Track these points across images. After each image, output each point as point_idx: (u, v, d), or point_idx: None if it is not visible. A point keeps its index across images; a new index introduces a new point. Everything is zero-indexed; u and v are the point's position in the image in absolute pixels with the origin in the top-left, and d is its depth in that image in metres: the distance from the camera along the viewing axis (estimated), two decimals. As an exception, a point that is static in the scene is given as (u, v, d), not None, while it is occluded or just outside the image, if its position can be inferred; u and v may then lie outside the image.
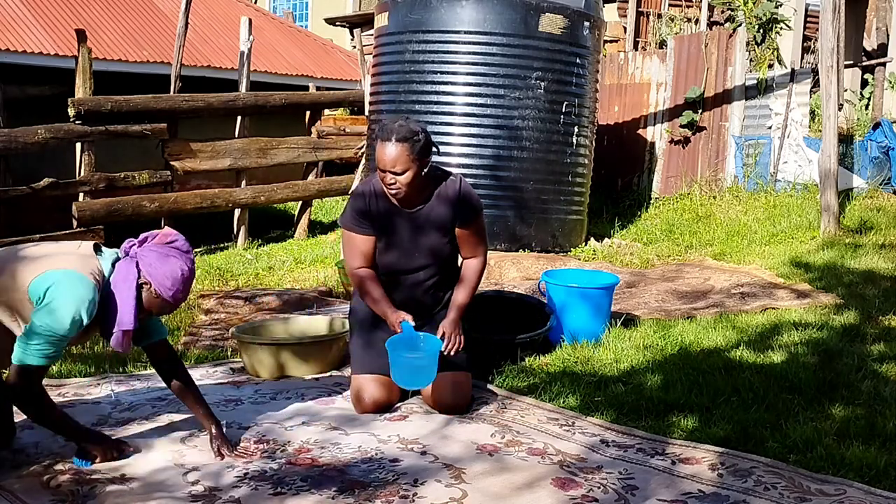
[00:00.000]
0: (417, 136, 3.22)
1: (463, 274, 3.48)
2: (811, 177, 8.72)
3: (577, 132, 7.39)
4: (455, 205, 3.36)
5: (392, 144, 3.18)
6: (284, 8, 20.56)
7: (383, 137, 3.21)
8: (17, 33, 8.83)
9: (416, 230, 3.37)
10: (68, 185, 6.84)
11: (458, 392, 3.37)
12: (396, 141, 3.18)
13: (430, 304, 3.49)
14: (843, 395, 3.50)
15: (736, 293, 5.53)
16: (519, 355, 4.00)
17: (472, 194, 3.42)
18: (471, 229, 3.43)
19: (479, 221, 3.45)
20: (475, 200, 3.42)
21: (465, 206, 3.38)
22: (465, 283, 3.45)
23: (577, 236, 7.63)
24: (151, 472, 2.72)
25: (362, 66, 10.30)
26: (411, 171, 3.21)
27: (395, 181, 3.22)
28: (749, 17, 9.99)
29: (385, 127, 3.25)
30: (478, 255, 3.49)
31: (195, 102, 7.70)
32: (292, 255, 7.42)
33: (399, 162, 3.18)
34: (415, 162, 3.20)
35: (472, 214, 3.40)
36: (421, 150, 3.22)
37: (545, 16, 7.04)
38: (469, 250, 3.48)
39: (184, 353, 4.27)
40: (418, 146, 3.21)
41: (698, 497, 2.59)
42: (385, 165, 3.20)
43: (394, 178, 3.21)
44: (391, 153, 3.18)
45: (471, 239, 3.45)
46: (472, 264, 3.48)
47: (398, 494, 2.59)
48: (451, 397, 3.35)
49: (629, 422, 3.26)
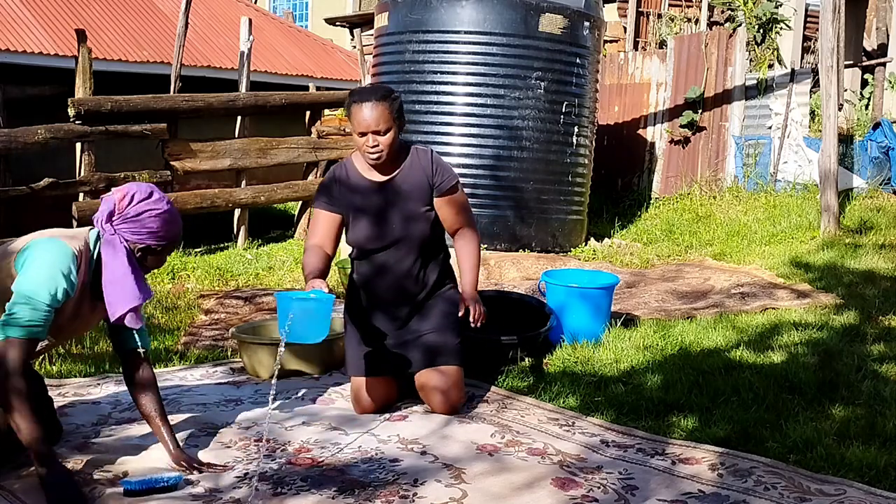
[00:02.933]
0: (395, 94, 3.21)
1: (459, 251, 3.37)
2: (811, 177, 8.72)
3: (577, 132, 7.40)
4: (429, 172, 3.30)
5: (373, 103, 3.13)
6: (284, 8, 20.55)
7: (362, 99, 3.15)
8: (17, 33, 8.83)
9: (389, 201, 3.28)
10: (68, 185, 6.84)
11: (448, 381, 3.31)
12: (377, 100, 3.14)
13: (415, 290, 3.35)
14: (843, 395, 3.50)
15: (736, 293, 5.53)
16: (519, 355, 4.00)
17: (445, 163, 3.37)
18: (451, 198, 3.33)
19: (458, 189, 3.35)
20: (450, 168, 3.36)
21: (440, 172, 3.31)
22: (466, 257, 3.34)
23: (577, 236, 7.63)
24: (151, 472, 2.72)
25: (362, 66, 10.30)
26: (393, 131, 3.18)
27: (377, 143, 3.16)
28: (749, 17, 10.00)
29: (361, 90, 3.22)
30: (466, 226, 3.38)
31: (195, 102, 7.70)
32: (292, 255, 7.41)
33: (382, 119, 3.14)
34: (395, 121, 3.18)
35: (449, 180, 3.31)
36: (399, 108, 3.20)
37: (545, 16, 7.04)
38: (456, 222, 3.36)
39: (184, 354, 4.27)
40: (397, 104, 3.19)
41: (698, 497, 2.59)
42: (368, 126, 3.14)
43: (376, 139, 3.15)
44: (373, 112, 3.13)
45: (453, 209, 3.34)
46: (466, 237, 3.37)
47: (398, 494, 2.59)
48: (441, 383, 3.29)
49: (629, 422, 3.26)
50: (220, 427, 3.16)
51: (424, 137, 7.15)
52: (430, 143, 7.12)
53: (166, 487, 2.58)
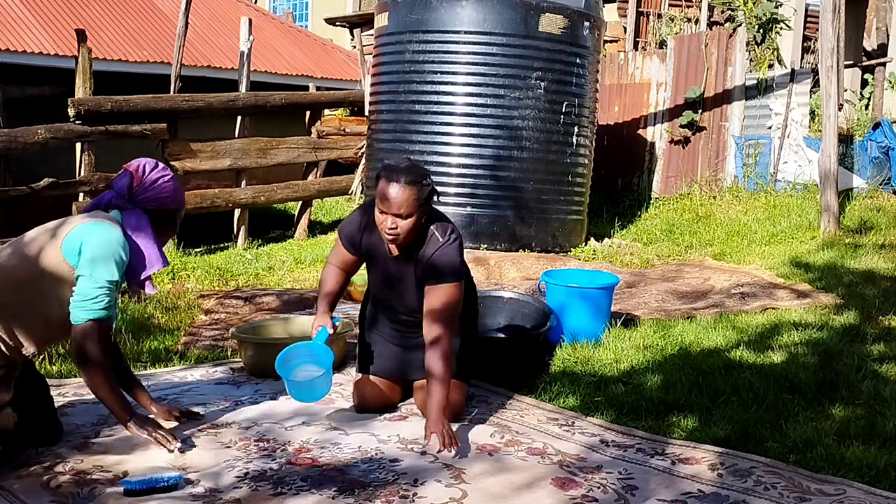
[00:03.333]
0: (426, 181, 3.03)
1: (427, 363, 3.03)
2: (811, 177, 8.72)
3: (577, 132, 7.40)
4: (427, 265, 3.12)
5: (401, 186, 2.96)
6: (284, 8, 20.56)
7: (391, 178, 2.98)
8: (17, 33, 8.83)
9: (403, 272, 3.22)
10: (68, 185, 6.84)
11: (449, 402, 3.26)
12: (406, 183, 2.97)
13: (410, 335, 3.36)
14: (843, 395, 3.50)
15: (736, 293, 5.53)
16: (519, 356, 3.99)
17: (444, 258, 3.09)
18: (435, 292, 3.09)
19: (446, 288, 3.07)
20: (448, 265, 3.09)
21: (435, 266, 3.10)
22: (435, 380, 2.99)
23: (577, 236, 7.63)
24: (151, 472, 2.72)
25: (362, 66, 10.30)
26: (414, 217, 3.01)
27: (396, 225, 3.00)
28: (749, 17, 10.00)
29: (392, 166, 3.03)
30: (442, 331, 3.04)
31: (195, 102, 7.70)
32: (292, 255, 7.41)
33: (406, 205, 2.97)
34: (420, 208, 3.02)
35: (438, 276, 3.08)
36: (427, 196, 3.03)
37: (545, 16, 7.05)
38: (430, 319, 3.07)
39: (184, 354, 4.27)
40: (426, 191, 3.02)
41: (698, 497, 2.59)
42: (390, 207, 2.98)
43: (395, 221, 3.00)
44: (399, 195, 2.96)
45: (434, 305, 3.07)
46: (438, 348, 3.02)
47: (398, 494, 2.59)
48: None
49: (629, 422, 3.26)
50: (221, 427, 3.16)
51: (424, 137, 7.16)
52: (430, 143, 7.14)
53: (166, 487, 2.58)
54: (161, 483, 2.58)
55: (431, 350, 3.04)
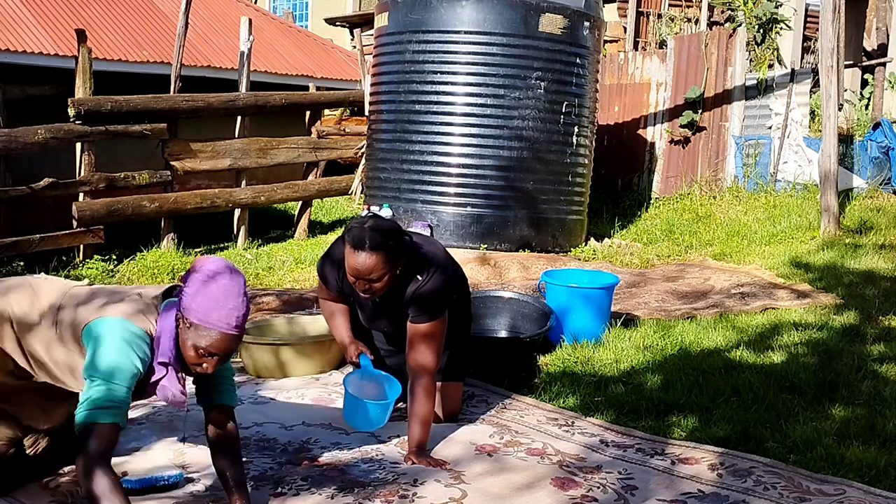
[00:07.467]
0: (391, 241, 2.90)
1: (410, 399, 3.03)
2: (811, 177, 8.72)
3: (577, 132, 7.39)
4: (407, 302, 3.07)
5: (367, 254, 2.85)
6: (284, 8, 20.55)
7: (355, 245, 2.87)
8: (17, 33, 8.82)
9: (377, 312, 3.21)
10: (68, 185, 6.84)
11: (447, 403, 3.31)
12: (371, 250, 2.85)
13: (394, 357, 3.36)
14: (843, 395, 3.50)
15: (736, 293, 5.53)
16: (519, 355, 3.99)
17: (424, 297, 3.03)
18: (416, 329, 3.04)
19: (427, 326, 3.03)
20: (428, 304, 3.03)
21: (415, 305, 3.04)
22: (416, 418, 2.97)
23: (577, 236, 7.63)
24: (151, 471, 2.72)
25: (362, 66, 10.30)
26: (387, 277, 2.92)
27: (369, 287, 2.93)
28: (749, 17, 9.99)
29: (354, 235, 2.89)
30: (422, 372, 3.01)
31: (195, 102, 7.70)
32: (292, 255, 7.41)
33: (375, 270, 2.87)
34: (392, 267, 2.92)
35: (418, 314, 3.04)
36: (396, 253, 2.92)
37: (545, 16, 7.05)
38: (413, 356, 3.04)
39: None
40: (394, 250, 2.90)
41: (698, 497, 2.59)
42: (360, 275, 2.89)
43: (368, 284, 2.92)
44: (366, 263, 2.86)
45: (415, 342, 3.03)
46: (420, 384, 3.00)
47: (398, 494, 2.59)
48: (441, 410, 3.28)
49: (629, 422, 3.26)
50: (220, 427, 3.16)
51: (424, 137, 7.16)
52: (430, 143, 7.13)
53: (167, 486, 2.58)
54: (162, 482, 2.58)
55: (413, 387, 3.03)
